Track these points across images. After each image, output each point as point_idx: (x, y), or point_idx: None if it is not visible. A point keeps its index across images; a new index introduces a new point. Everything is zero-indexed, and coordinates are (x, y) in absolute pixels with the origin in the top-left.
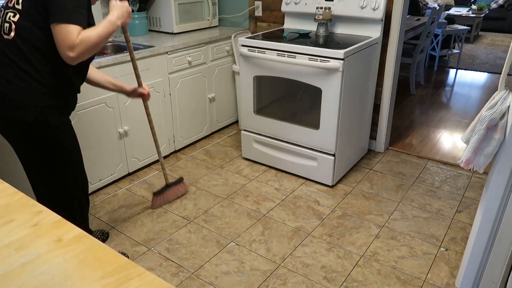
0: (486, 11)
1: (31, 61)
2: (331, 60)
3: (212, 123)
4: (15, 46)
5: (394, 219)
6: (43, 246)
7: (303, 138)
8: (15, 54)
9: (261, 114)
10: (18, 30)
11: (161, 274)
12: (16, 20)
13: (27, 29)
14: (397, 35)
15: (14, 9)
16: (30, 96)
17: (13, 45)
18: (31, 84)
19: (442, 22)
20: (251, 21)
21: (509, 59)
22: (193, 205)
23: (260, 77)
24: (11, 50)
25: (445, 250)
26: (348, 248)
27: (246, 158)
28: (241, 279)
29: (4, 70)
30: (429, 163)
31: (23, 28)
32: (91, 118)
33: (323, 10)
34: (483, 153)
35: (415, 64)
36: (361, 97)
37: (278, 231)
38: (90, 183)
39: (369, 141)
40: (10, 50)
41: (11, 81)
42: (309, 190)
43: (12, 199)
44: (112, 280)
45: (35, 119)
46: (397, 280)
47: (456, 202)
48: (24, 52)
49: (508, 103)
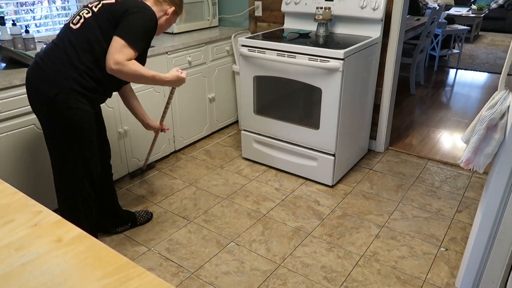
0: (486, 11)
1: (78, 52)
2: (331, 60)
3: (212, 123)
4: (74, 36)
5: (394, 219)
6: (43, 246)
7: (303, 138)
8: (70, 41)
9: (261, 114)
10: (84, 25)
11: (161, 274)
12: (87, 17)
13: (91, 27)
14: (397, 35)
15: (90, 9)
16: (60, 77)
17: (73, 35)
18: (67, 68)
19: (442, 22)
20: (251, 21)
21: (509, 59)
22: (193, 205)
23: (260, 77)
24: (69, 38)
25: (445, 250)
26: (348, 248)
27: (246, 158)
28: (241, 279)
29: (55, 52)
30: (429, 163)
31: (89, 25)
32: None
33: (323, 10)
34: (483, 153)
35: (415, 64)
36: (361, 97)
37: (278, 231)
38: None
39: (369, 141)
40: (68, 38)
41: (54, 62)
42: (309, 190)
43: (12, 199)
44: (112, 280)
45: (56, 96)
46: (397, 280)
47: (456, 202)
48: (78, 43)
49: (508, 103)
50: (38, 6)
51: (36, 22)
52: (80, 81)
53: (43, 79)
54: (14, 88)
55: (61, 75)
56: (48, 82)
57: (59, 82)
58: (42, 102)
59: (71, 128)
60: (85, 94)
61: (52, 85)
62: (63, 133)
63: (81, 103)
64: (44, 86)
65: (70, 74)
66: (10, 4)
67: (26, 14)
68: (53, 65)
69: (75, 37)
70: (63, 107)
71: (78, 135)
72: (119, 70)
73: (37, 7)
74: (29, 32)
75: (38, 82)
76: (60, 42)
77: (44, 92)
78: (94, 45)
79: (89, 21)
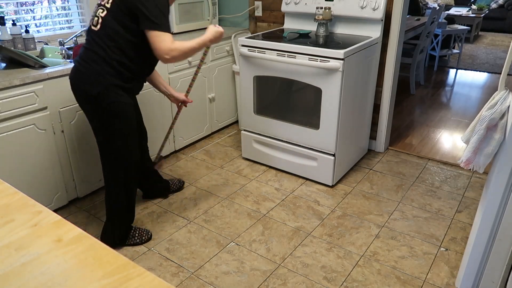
0: (486, 11)
1: (106, 50)
2: (331, 60)
3: (212, 123)
4: (98, 36)
5: (394, 219)
6: (43, 246)
7: (303, 138)
8: (96, 42)
9: (261, 114)
10: (103, 24)
11: (161, 274)
12: (103, 16)
13: (110, 23)
14: (397, 35)
15: (104, 7)
16: (98, 75)
17: (97, 36)
18: (102, 66)
19: (442, 22)
20: (251, 21)
21: (509, 59)
22: (193, 205)
23: (260, 77)
24: (94, 39)
25: (445, 250)
26: (348, 248)
27: (246, 158)
28: (241, 279)
29: (86, 53)
30: (429, 163)
31: (107, 22)
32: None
33: (323, 10)
34: (483, 153)
35: (415, 64)
36: (361, 97)
37: (278, 231)
38: (90, 183)
39: (369, 141)
40: (93, 39)
41: (88, 62)
42: (309, 190)
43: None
44: (112, 280)
45: (98, 93)
46: (397, 280)
47: (456, 202)
48: (104, 42)
49: (508, 103)
50: (38, 6)
51: (36, 22)
52: (115, 75)
53: (83, 80)
54: (14, 88)
55: (98, 73)
56: (89, 82)
57: (98, 81)
58: (87, 101)
59: (115, 120)
60: (122, 85)
61: (93, 84)
62: (108, 126)
63: (121, 96)
64: (86, 86)
65: (106, 70)
66: (10, 4)
67: (26, 14)
68: (89, 65)
69: (99, 37)
70: (106, 102)
71: (121, 126)
72: (173, 57)
73: (37, 7)
74: (29, 32)
75: (80, 83)
76: (89, 45)
77: (87, 91)
78: (116, 39)
79: (106, 19)
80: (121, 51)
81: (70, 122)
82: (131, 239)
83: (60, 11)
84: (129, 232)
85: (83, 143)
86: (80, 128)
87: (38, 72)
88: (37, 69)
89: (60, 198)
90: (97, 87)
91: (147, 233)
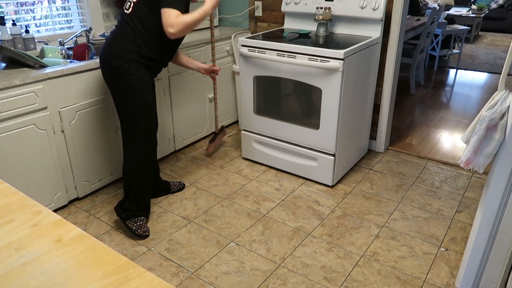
0: (486, 11)
1: (134, 30)
2: (331, 60)
3: (212, 123)
4: (129, 18)
5: (394, 219)
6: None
7: (303, 138)
8: (128, 23)
9: (261, 114)
10: (134, 8)
11: (161, 274)
12: (135, 1)
13: (140, 8)
14: (397, 35)
15: None
16: (124, 50)
17: (128, 17)
18: (128, 43)
19: (442, 22)
20: (251, 21)
21: (509, 59)
22: (193, 205)
23: (260, 77)
24: (126, 20)
25: (445, 250)
26: (348, 248)
27: (246, 158)
28: (241, 279)
29: (117, 32)
30: (429, 163)
31: (137, 6)
32: (91, 118)
33: (323, 10)
34: (483, 153)
35: (415, 64)
36: (361, 97)
37: (278, 231)
38: (90, 183)
39: (369, 141)
40: (125, 21)
41: (117, 39)
42: (309, 190)
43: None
44: (112, 280)
45: (121, 65)
46: (397, 280)
47: (456, 202)
48: (133, 23)
49: (508, 103)
50: (38, 6)
51: (36, 22)
52: (139, 52)
53: (110, 53)
54: (14, 88)
55: (124, 48)
56: (115, 56)
57: (123, 55)
58: (111, 72)
59: (133, 91)
60: (144, 63)
61: (118, 57)
62: (127, 97)
63: (141, 71)
64: (112, 59)
65: (131, 47)
66: (10, 4)
67: (26, 14)
68: (117, 41)
69: (130, 19)
70: (127, 74)
71: (139, 99)
72: (178, 30)
73: (37, 7)
74: (29, 32)
75: (107, 56)
76: (120, 25)
77: (112, 63)
78: (145, 21)
79: (137, 4)
80: (147, 33)
81: (70, 122)
82: (132, 223)
83: (60, 11)
84: (137, 217)
85: (83, 143)
86: (80, 128)
87: (38, 72)
88: (37, 69)
89: (60, 198)
90: (121, 60)
91: (145, 231)
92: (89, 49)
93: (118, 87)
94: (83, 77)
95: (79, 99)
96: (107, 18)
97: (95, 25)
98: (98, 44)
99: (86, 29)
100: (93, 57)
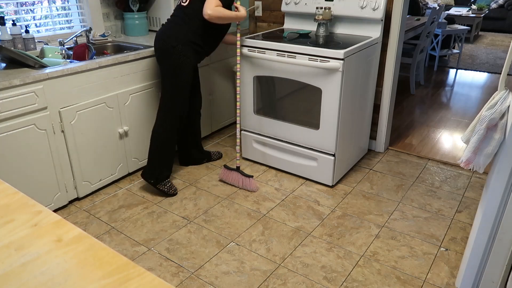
0: (486, 11)
1: (189, 18)
2: (331, 60)
3: (212, 123)
4: (186, 9)
5: (394, 219)
6: (43, 246)
7: (303, 138)
8: (184, 13)
9: (261, 114)
10: (191, 2)
11: (161, 274)
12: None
13: (195, 2)
14: (397, 35)
15: None
16: (179, 33)
17: (185, 8)
18: (182, 30)
19: (442, 22)
20: (251, 21)
21: (509, 59)
22: (193, 205)
23: (260, 77)
24: (183, 11)
25: (445, 250)
26: (348, 248)
27: (246, 158)
28: (241, 279)
29: (174, 20)
30: (429, 163)
31: (194, 1)
32: (91, 118)
33: (323, 10)
34: (483, 153)
35: (415, 64)
36: (361, 97)
37: (278, 231)
38: (90, 183)
39: (369, 141)
40: (182, 11)
41: (173, 25)
42: (309, 190)
43: (12, 199)
44: (112, 280)
45: (176, 46)
46: (397, 280)
47: (456, 202)
48: (188, 12)
49: (508, 103)
50: (38, 6)
51: (36, 22)
52: (191, 37)
53: (166, 34)
54: (14, 88)
55: (180, 31)
56: (171, 36)
57: (178, 37)
58: (165, 49)
59: (179, 69)
60: (194, 47)
61: (173, 38)
62: (174, 73)
63: (190, 53)
64: (170, 39)
65: (185, 32)
66: (10, 4)
67: (26, 14)
68: (173, 26)
69: (186, 9)
70: (178, 55)
71: (178, 81)
72: (211, 16)
73: (37, 7)
74: (29, 32)
75: (165, 37)
76: (177, 13)
77: (169, 42)
78: (199, 14)
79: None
80: (200, 24)
81: (70, 122)
82: (163, 185)
83: (60, 11)
84: (164, 180)
85: (83, 143)
86: (80, 128)
87: (38, 72)
88: (37, 69)
89: (60, 198)
90: (175, 41)
91: (175, 190)
92: (89, 49)
93: (168, 63)
94: (83, 77)
95: (79, 99)
96: (107, 18)
97: (95, 25)
98: (98, 44)
99: (86, 29)
100: (93, 57)
